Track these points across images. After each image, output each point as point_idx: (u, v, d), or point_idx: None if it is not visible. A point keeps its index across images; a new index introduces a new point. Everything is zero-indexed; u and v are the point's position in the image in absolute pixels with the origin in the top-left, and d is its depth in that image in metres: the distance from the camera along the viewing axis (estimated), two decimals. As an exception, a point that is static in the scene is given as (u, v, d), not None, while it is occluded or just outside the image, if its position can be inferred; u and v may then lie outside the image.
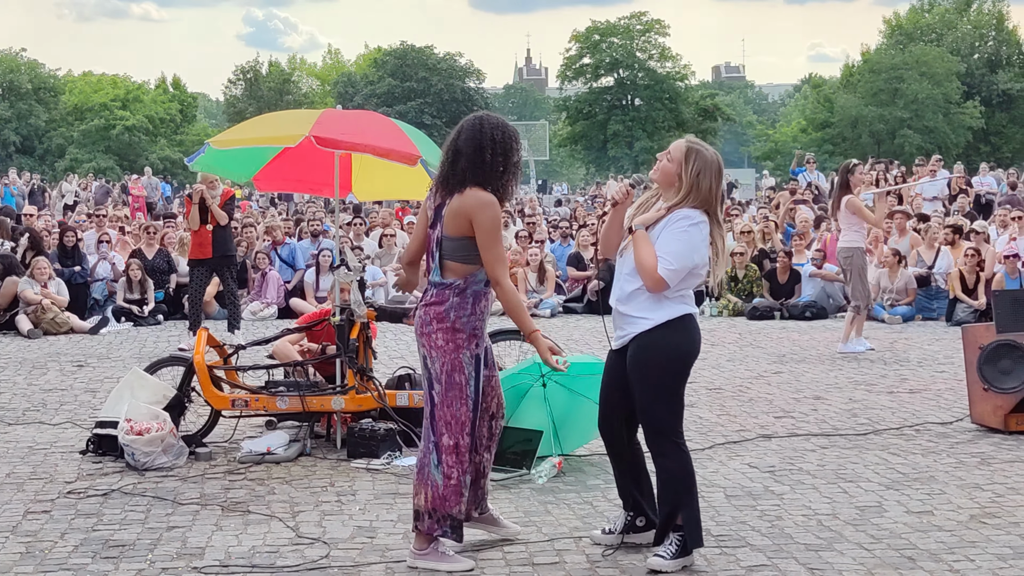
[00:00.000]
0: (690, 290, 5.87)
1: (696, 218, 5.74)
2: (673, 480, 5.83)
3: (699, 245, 5.74)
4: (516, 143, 5.92)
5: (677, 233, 5.71)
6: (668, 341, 5.76)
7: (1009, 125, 67.46)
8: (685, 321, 5.79)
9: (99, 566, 5.90)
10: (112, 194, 37.80)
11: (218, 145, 8.86)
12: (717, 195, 5.84)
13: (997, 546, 6.13)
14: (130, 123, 71.95)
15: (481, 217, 5.72)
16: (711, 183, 5.79)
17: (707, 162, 5.81)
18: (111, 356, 13.61)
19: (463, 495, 5.89)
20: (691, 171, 5.79)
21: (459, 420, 5.85)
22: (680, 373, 5.82)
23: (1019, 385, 8.92)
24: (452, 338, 5.81)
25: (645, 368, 5.79)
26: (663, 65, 72.81)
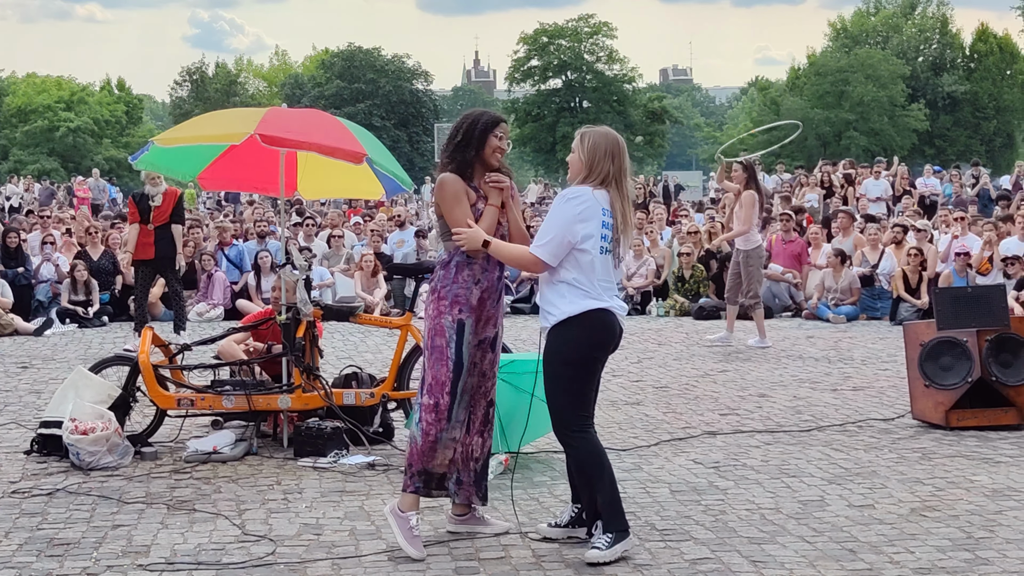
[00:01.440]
0: (595, 284, 5.86)
1: (570, 194, 5.85)
2: (583, 468, 5.94)
3: (569, 219, 5.79)
4: (486, 123, 6.17)
5: (551, 212, 5.91)
6: (568, 336, 5.86)
7: (953, 128, 68.28)
8: (588, 316, 5.85)
9: (44, 564, 5.87)
10: (57, 196, 37.44)
11: (162, 143, 8.82)
12: (619, 167, 5.93)
13: (937, 538, 6.22)
14: (75, 125, 71.28)
15: (440, 195, 6.13)
16: (605, 155, 5.90)
17: (599, 136, 5.97)
18: (56, 357, 13.50)
19: (437, 452, 6.12)
20: (586, 149, 5.93)
21: (439, 381, 6.08)
22: (580, 367, 5.90)
23: (959, 381, 9.06)
24: (436, 305, 6.11)
25: (548, 362, 5.93)
26: (611, 68, 73.05)
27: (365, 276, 17.80)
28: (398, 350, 8.69)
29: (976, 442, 8.61)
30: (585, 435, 5.94)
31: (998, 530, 6.36)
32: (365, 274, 17.80)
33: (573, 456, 5.98)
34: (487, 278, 6.16)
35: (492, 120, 6.21)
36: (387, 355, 13.09)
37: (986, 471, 7.72)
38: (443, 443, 6.12)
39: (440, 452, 6.14)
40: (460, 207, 6.07)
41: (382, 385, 8.63)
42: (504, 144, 6.23)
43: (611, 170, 5.91)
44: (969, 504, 6.91)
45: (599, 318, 5.88)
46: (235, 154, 9.07)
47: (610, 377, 11.73)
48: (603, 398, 10.34)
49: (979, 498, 7.04)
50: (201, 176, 9.43)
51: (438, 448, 6.12)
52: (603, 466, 5.91)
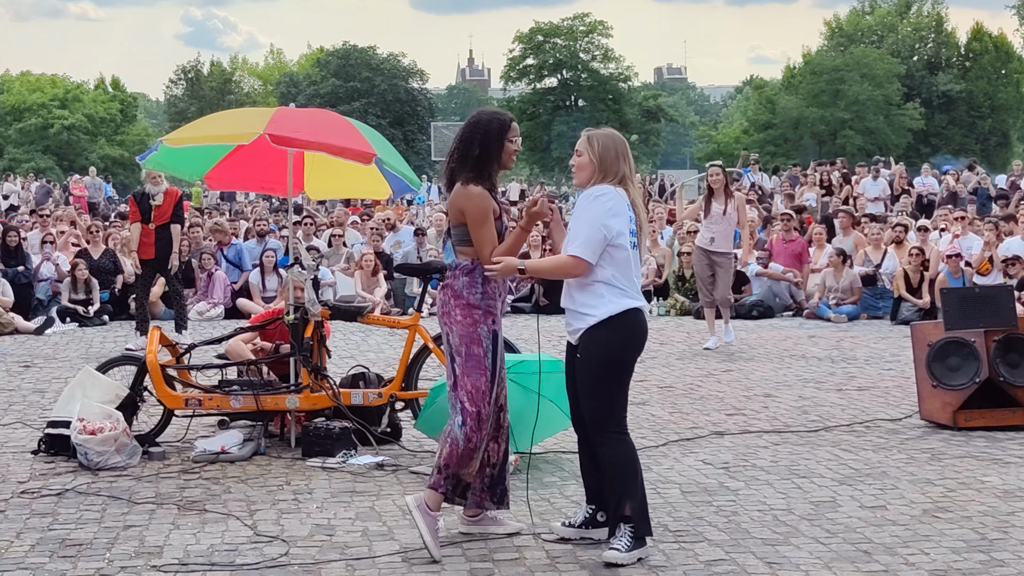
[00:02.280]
0: (632, 281, 5.92)
1: (596, 192, 5.87)
2: (615, 470, 5.90)
3: (602, 215, 5.80)
4: (499, 129, 6.15)
5: (579, 212, 5.90)
6: (608, 337, 5.85)
7: (949, 126, 68.35)
8: (627, 316, 5.87)
9: (57, 565, 5.85)
10: (53, 194, 37.38)
11: (171, 143, 8.80)
12: (630, 166, 5.98)
13: (950, 539, 6.22)
14: (69, 123, 71.14)
15: (466, 208, 6.08)
16: (616, 156, 5.94)
17: (608, 138, 6.00)
18: (57, 356, 13.47)
19: (473, 459, 6.13)
20: (598, 151, 5.94)
21: (480, 390, 6.09)
22: (619, 369, 5.92)
23: (967, 382, 9.05)
24: (469, 313, 6.09)
25: (586, 363, 5.90)
26: (606, 66, 73.13)
27: (365, 275, 17.78)
28: (406, 350, 8.67)
29: (985, 443, 8.61)
30: (622, 436, 5.95)
31: (1012, 531, 6.36)
32: (365, 273, 17.77)
33: (607, 457, 5.93)
34: (505, 287, 6.31)
35: (504, 126, 6.18)
36: (390, 354, 13.08)
37: (996, 472, 7.72)
38: (480, 450, 6.15)
39: (475, 460, 6.15)
40: (487, 226, 6.06)
41: (390, 385, 8.61)
42: (518, 144, 6.27)
43: (625, 171, 5.95)
44: (981, 505, 6.90)
45: (636, 318, 5.91)
46: (242, 154, 9.05)
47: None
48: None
49: (991, 499, 7.04)
50: (208, 176, 9.41)
51: (475, 456, 6.13)
52: (637, 470, 5.92)
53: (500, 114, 6.30)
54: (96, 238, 18.23)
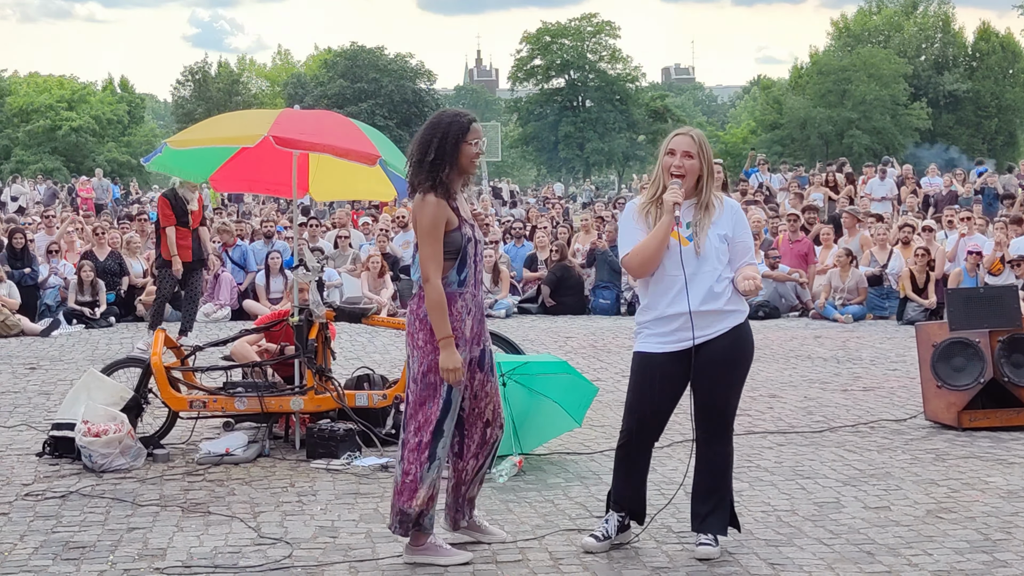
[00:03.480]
0: None
1: (737, 205, 6.08)
2: (727, 468, 6.07)
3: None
4: (456, 134, 5.83)
5: (746, 225, 6.03)
6: (750, 334, 6.01)
7: (956, 126, 68.22)
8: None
9: (60, 568, 5.86)
10: (59, 196, 37.45)
11: (175, 145, 8.81)
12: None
13: (954, 540, 6.21)
14: (77, 124, 71.20)
15: (418, 218, 5.79)
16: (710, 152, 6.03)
17: (701, 136, 6.02)
18: (63, 358, 13.50)
19: (418, 491, 5.82)
20: (707, 156, 5.94)
21: (427, 419, 5.83)
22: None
23: (972, 382, 9.05)
24: (430, 339, 5.79)
25: (739, 359, 5.95)
26: (614, 67, 73.07)
27: (372, 276, 17.79)
28: (410, 352, 8.65)
29: (989, 443, 8.60)
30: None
31: (1015, 532, 6.35)
32: (372, 274, 17.79)
33: (724, 456, 6.03)
34: (475, 303, 5.97)
35: (461, 129, 5.84)
36: (395, 356, 13.08)
37: (1000, 472, 7.71)
38: (425, 483, 5.82)
39: (422, 492, 5.82)
40: (433, 240, 5.75)
41: (395, 387, 8.61)
42: (480, 147, 5.91)
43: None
44: (985, 506, 6.89)
45: None
46: (247, 156, 9.06)
47: (619, 378, 11.71)
48: (613, 399, 10.35)
49: (995, 499, 7.03)
50: (213, 178, 9.42)
51: (419, 488, 5.82)
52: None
53: (461, 115, 5.94)
54: (102, 240, 18.25)
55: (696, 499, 6.07)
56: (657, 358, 5.90)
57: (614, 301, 18.22)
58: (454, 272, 5.85)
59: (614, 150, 70.34)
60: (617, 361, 12.90)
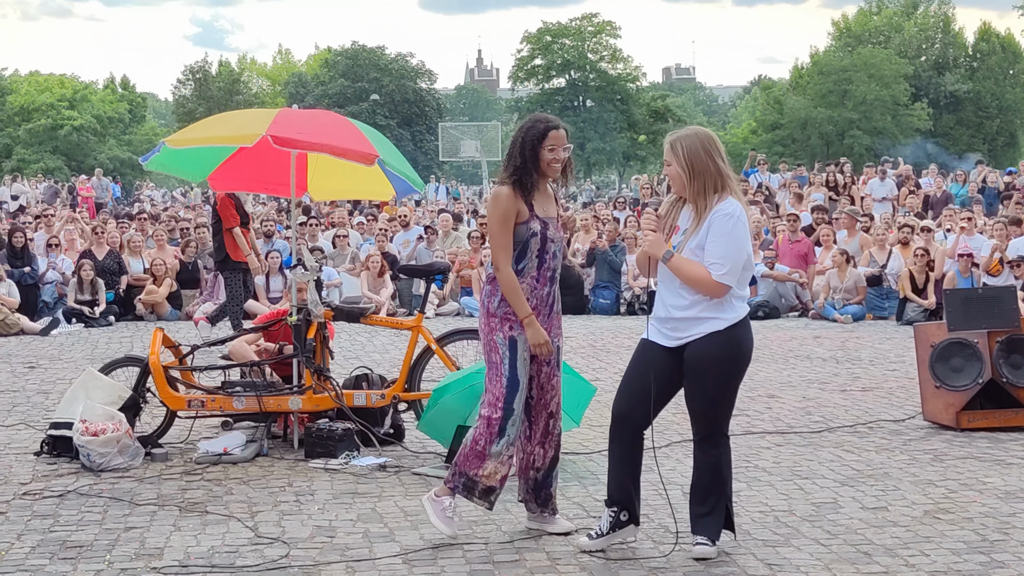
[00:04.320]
0: (746, 288, 5.99)
1: (736, 212, 5.77)
2: (721, 470, 5.99)
3: (743, 240, 5.80)
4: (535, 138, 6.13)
5: (723, 233, 5.74)
6: (737, 340, 5.86)
7: (956, 127, 68.21)
8: (746, 320, 5.92)
9: (57, 567, 5.86)
10: (60, 195, 37.45)
11: (173, 144, 8.80)
12: (723, 161, 5.84)
13: (951, 541, 6.21)
14: (78, 123, 71.23)
15: (488, 210, 6.28)
16: (705, 157, 5.79)
17: (692, 138, 5.84)
18: (63, 357, 13.50)
19: (485, 463, 6.18)
20: (683, 158, 5.81)
21: (494, 396, 6.19)
22: (743, 370, 5.99)
23: (970, 383, 9.04)
24: (487, 322, 6.24)
25: (717, 365, 5.86)
26: (614, 66, 73.08)
27: (371, 276, 17.80)
28: (409, 351, 8.67)
29: (987, 444, 8.59)
30: (728, 439, 6.08)
31: (1013, 532, 6.35)
32: (371, 274, 17.79)
33: (716, 459, 5.98)
34: (536, 295, 6.24)
35: (540, 134, 6.13)
36: (394, 355, 13.07)
37: (998, 473, 7.71)
38: (493, 456, 6.16)
39: (490, 464, 6.18)
40: (502, 232, 6.13)
41: (393, 386, 8.62)
42: (559, 154, 6.17)
43: (722, 167, 5.82)
44: (982, 506, 6.89)
45: (749, 322, 5.98)
46: (245, 155, 9.06)
47: (619, 377, 11.66)
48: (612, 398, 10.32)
49: (992, 500, 7.02)
50: (211, 177, 9.42)
51: (487, 460, 6.17)
52: (732, 471, 6.11)
53: (541, 120, 6.23)
54: (101, 239, 18.25)
55: (692, 500, 6.08)
56: (655, 346, 6.00)
57: (614, 301, 18.23)
58: (513, 262, 6.17)
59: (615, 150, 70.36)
60: (616, 361, 12.89)
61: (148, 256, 18.38)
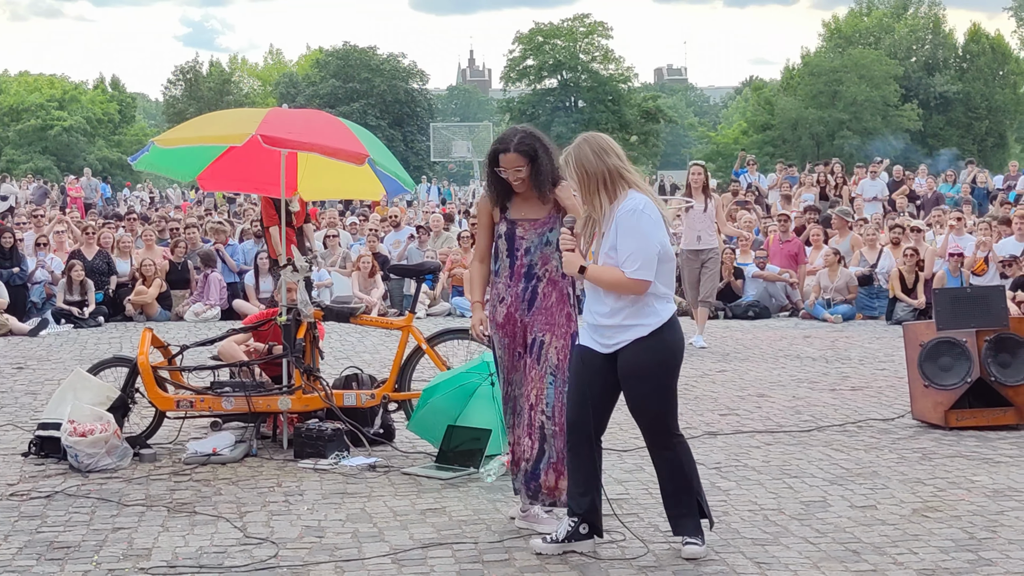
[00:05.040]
0: (672, 284, 5.94)
1: (638, 206, 5.72)
2: (683, 470, 5.94)
3: (651, 232, 5.72)
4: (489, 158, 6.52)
5: (629, 229, 5.71)
6: (666, 343, 5.81)
7: (946, 127, 68.32)
8: (674, 320, 5.88)
9: (44, 568, 5.85)
10: (50, 195, 37.39)
11: (162, 144, 8.78)
12: (617, 158, 5.81)
13: (939, 539, 6.22)
14: (68, 124, 71.13)
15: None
16: (595, 158, 5.78)
17: (576, 148, 5.86)
18: (51, 358, 13.47)
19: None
20: (572, 167, 5.84)
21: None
22: (676, 370, 5.94)
23: (959, 382, 9.06)
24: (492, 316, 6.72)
25: (650, 370, 5.81)
26: (606, 67, 73.08)
27: (362, 276, 17.78)
28: (399, 351, 8.66)
29: (976, 442, 8.61)
30: (682, 437, 6.04)
31: (1000, 531, 6.36)
32: (362, 274, 17.77)
33: (672, 460, 5.95)
34: (510, 292, 6.52)
35: (491, 156, 6.47)
36: (385, 355, 13.06)
37: (986, 471, 7.72)
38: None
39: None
40: (478, 233, 6.76)
41: (383, 386, 8.61)
42: (505, 174, 6.41)
43: (614, 163, 5.79)
44: (970, 505, 6.90)
45: (677, 320, 5.93)
46: (235, 155, 9.02)
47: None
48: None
49: (980, 498, 7.04)
50: (201, 177, 9.38)
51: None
52: (695, 465, 6.05)
53: (498, 141, 6.50)
54: (91, 239, 18.20)
55: (665, 504, 6.08)
56: (590, 351, 5.99)
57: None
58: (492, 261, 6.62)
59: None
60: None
61: (137, 256, 18.34)
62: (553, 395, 6.45)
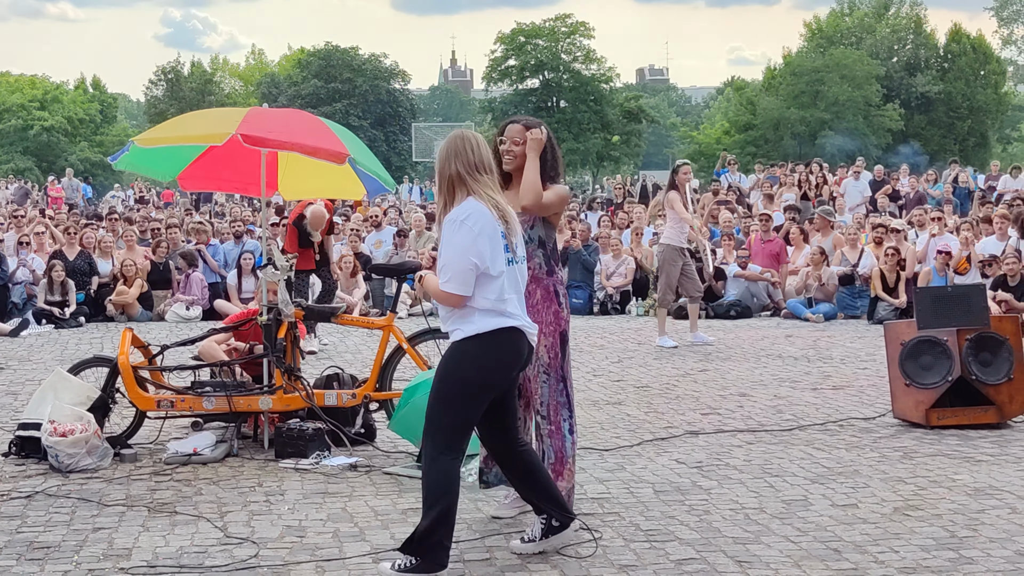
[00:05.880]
0: (504, 300, 5.57)
1: (459, 216, 5.52)
2: (428, 492, 5.59)
3: (465, 245, 5.47)
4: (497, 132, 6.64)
5: (445, 240, 5.56)
6: (467, 354, 5.58)
7: (928, 127, 68.51)
8: (497, 336, 5.56)
9: (24, 568, 5.82)
10: (32, 196, 37.24)
11: (142, 143, 8.75)
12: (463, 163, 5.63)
13: (920, 537, 6.23)
14: (49, 124, 70.85)
15: None
16: (444, 162, 5.65)
17: (443, 146, 5.75)
18: (32, 358, 13.41)
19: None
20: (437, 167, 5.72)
21: None
22: (466, 386, 5.58)
23: (940, 380, 9.08)
24: None
25: (442, 374, 5.62)
26: (588, 67, 72.98)
27: (344, 276, 17.74)
28: (380, 351, 8.65)
29: (957, 441, 8.63)
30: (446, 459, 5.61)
31: (981, 529, 6.38)
32: (344, 274, 17.73)
33: (424, 473, 5.63)
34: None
35: (501, 127, 6.62)
36: (366, 355, 13.05)
37: (967, 470, 7.74)
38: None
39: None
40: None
41: (364, 386, 8.59)
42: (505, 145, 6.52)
43: (457, 168, 5.62)
44: (952, 503, 6.92)
45: (507, 337, 5.58)
46: (215, 154, 9.00)
47: (591, 377, 11.73)
48: (584, 398, 10.36)
49: (961, 497, 7.06)
50: (181, 176, 9.36)
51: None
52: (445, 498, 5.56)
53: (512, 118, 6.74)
54: (72, 239, 18.13)
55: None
56: None
57: (586, 300, 18.24)
58: None
59: (588, 150, 70.29)
60: (588, 360, 12.91)
61: (119, 257, 18.27)
62: (548, 394, 6.46)
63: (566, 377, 6.53)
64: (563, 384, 6.51)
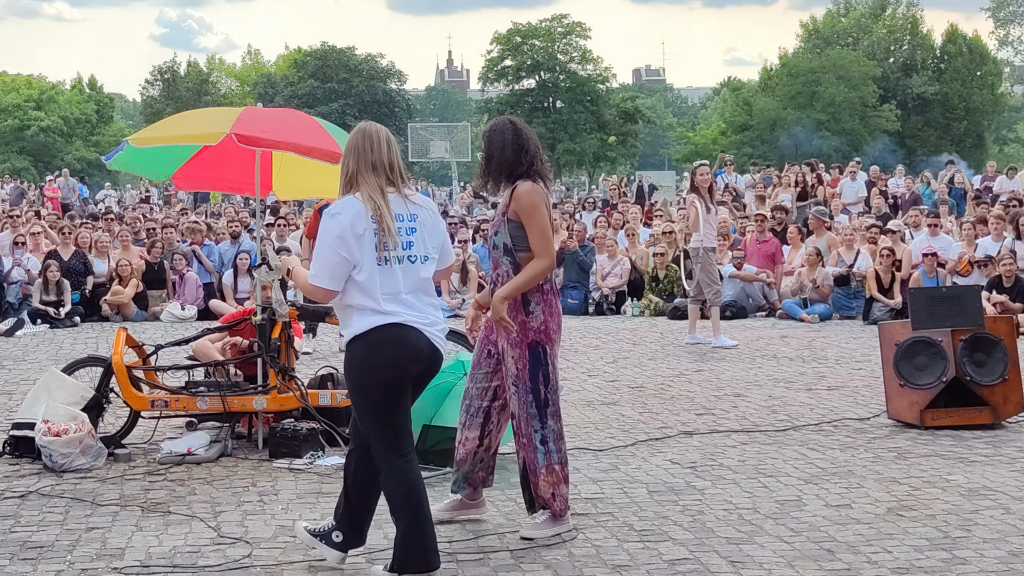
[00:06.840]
0: (379, 297, 5.39)
1: (333, 210, 5.43)
2: (390, 498, 5.54)
3: (332, 239, 5.35)
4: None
5: (319, 233, 5.45)
6: (355, 356, 5.46)
7: (924, 128, 68.60)
8: (372, 335, 5.38)
9: (17, 568, 5.81)
10: (27, 195, 37.22)
11: (136, 143, 8.74)
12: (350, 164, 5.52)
13: (914, 538, 6.23)
14: (45, 124, 70.80)
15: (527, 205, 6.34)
16: (346, 155, 5.55)
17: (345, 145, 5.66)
18: (27, 358, 13.40)
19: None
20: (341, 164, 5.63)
21: None
22: (363, 387, 5.46)
23: (934, 381, 9.08)
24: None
25: (348, 385, 5.57)
26: (584, 67, 73.02)
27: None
28: (374, 351, 8.62)
29: (951, 441, 8.64)
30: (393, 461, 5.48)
31: (975, 529, 6.38)
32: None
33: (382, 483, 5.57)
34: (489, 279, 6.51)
35: None
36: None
37: (961, 470, 7.74)
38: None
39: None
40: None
41: (358, 386, 8.56)
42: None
43: (353, 166, 5.51)
44: (945, 504, 6.92)
45: (386, 334, 5.39)
46: (210, 154, 9.00)
47: (585, 377, 11.73)
48: (578, 398, 10.36)
49: (955, 497, 7.06)
50: (175, 176, 9.35)
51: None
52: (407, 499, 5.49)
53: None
54: (67, 239, 18.12)
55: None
56: None
57: (582, 301, 18.25)
58: None
59: (585, 151, 70.34)
60: (583, 361, 12.91)
61: (114, 257, 18.26)
62: (517, 405, 6.30)
63: (539, 388, 6.24)
64: (532, 396, 6.24)
